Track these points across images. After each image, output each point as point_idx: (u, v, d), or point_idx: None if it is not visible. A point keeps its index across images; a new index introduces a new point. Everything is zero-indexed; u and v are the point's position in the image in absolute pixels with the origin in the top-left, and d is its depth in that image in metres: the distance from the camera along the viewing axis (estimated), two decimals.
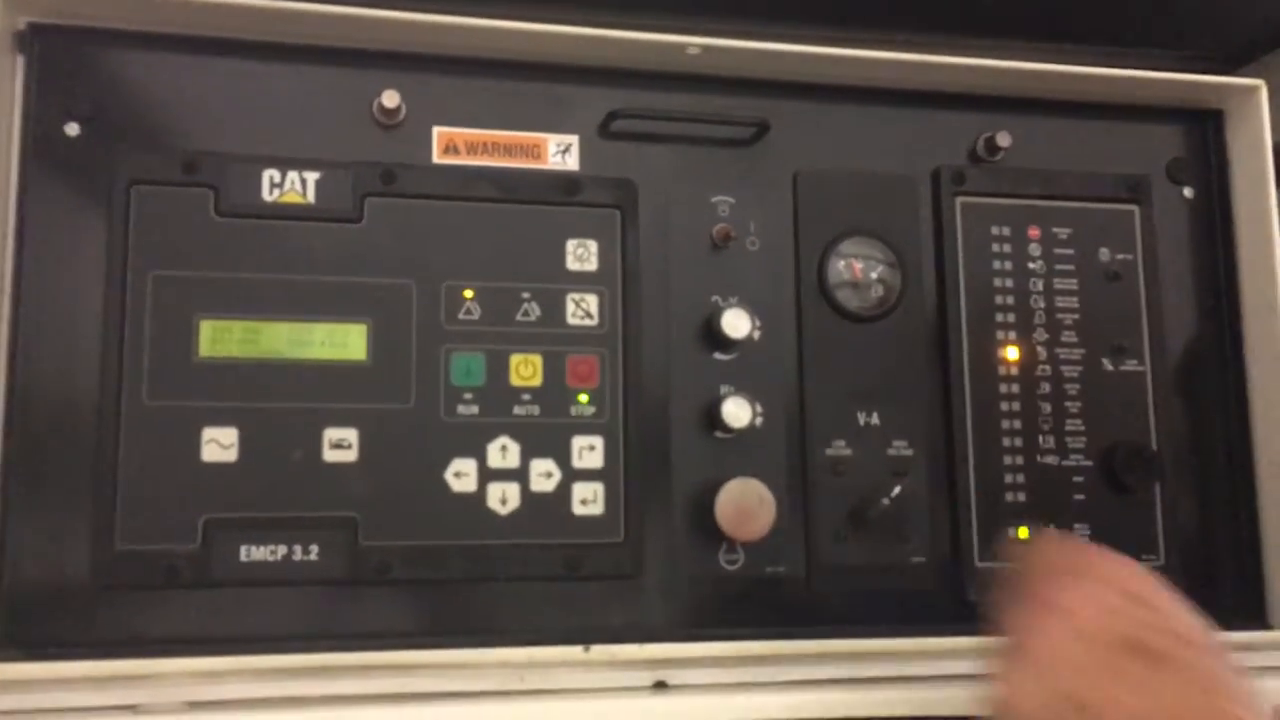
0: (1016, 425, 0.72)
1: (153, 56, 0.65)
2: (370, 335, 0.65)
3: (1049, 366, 0.73)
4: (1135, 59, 0.76)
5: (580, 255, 0.68)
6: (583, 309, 0.68)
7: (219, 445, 0.62)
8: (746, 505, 0.64)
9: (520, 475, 0.65)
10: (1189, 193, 0.78)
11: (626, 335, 0.68)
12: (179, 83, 0.65)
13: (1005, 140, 0.73)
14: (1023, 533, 0.70)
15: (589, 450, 0.66)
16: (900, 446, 0.70)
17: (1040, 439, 0.72)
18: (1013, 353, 0.72)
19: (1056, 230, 0.74)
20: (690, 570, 0.67)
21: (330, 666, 0.60)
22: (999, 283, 0.73)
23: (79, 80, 0.64)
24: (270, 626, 0.62)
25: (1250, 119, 0.76)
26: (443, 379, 0.65)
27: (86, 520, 0.60)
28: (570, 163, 0.69)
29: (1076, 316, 0.73)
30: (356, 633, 0.62)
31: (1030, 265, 0.74)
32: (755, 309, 0.69)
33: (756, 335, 0.69)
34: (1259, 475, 0.74)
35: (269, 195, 0.65)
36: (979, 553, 0.70)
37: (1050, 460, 0.72)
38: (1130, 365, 0.74)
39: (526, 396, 0.66)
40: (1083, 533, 0.71)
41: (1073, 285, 0.74)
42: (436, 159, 0.68)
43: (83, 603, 0.60)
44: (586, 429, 0.66)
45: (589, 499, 0.66)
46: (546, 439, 0.66)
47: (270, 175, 0.65)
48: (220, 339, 0.63)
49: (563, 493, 0.66)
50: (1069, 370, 0.73)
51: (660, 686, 0.59)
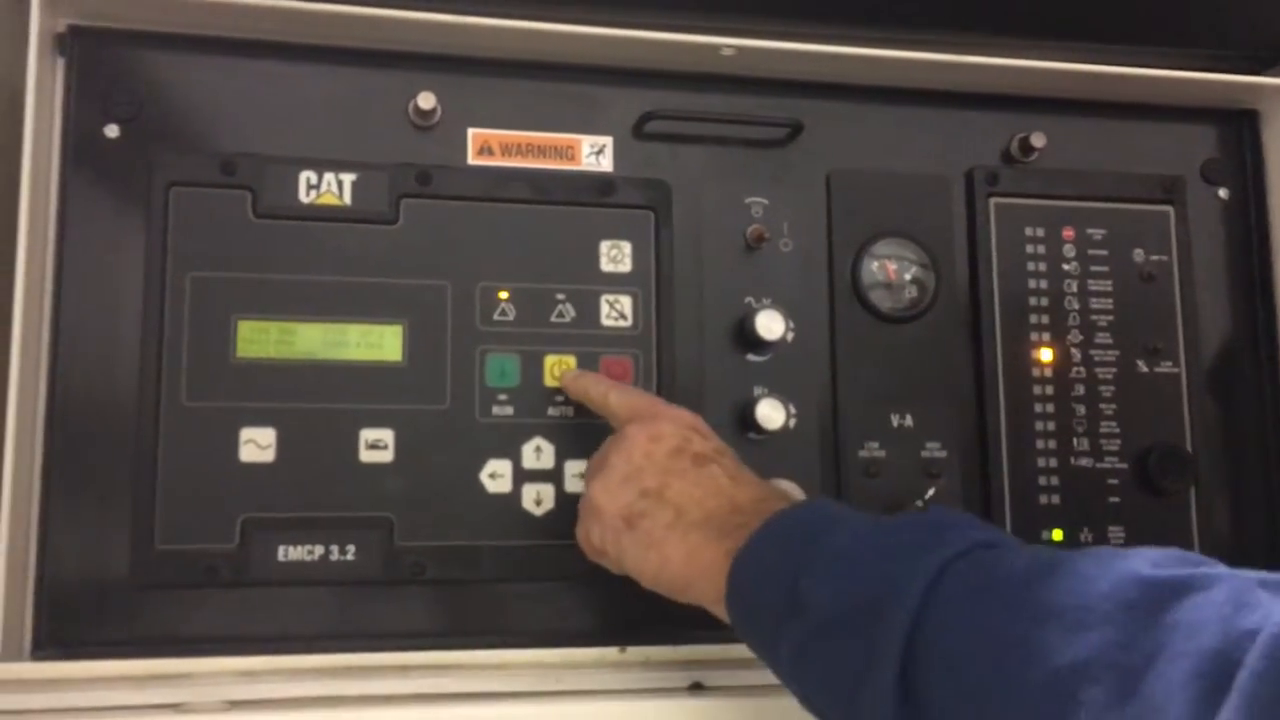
0: (1050, 427, 0.71)
1: (191, 59, 0.65)
2: (406, 336, 0.65)
3: (1083, 368, 0.72)
4: (1170, 59, 0.76)
5: (614, 256, 0.68)
6: (617, 310, 0.68)
7: (257, 445, 0.62)
8: None
9: (555, 476, 0.66)
10: (1224, 193, 0.77)
11: (660, 336, 0.68)
12: (217, 85, 0.65)
13: (1040, 141, 0.73)
14: (1057, 535, 0.70)
15: None
16: (934, 448, 0.70)
17: (1074, 441, 0.71)
18: (1047, 354, 0.72)
19: (1091, 231, 0.74)
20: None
21: (367, 666, 0.60)
22: (1033, 284, 0.73)
23: (118, 82, 0.64)
24: (306, 626, 0.62)
25: None
26: (478, 380, 0.65)
27: (126, 520, 0.61)
28: (604, 164, 0.69)
29: (1111, 318, 0.73)
30: (392, 632, 0.63)
31: (1064, 266, 0.73)
32: (789, 310, 0.69)
33: (790, 336, 0.69)
34: None
35: (306, 197, 0.65)
36: None
37: (1085, 463, 0.71)
38: (1165, 367, 0.73)
39: (561, 398, 0.66)
40: (1118, 536, 0.70)
41: (1107, 286, 0.73)
42: (471, 160, 0.68)
43: (123, 602, 0.61)
44: None
45: None
46: (581, 440, 0.66)
47: (307, 177, 0.65)
48: (257, 340, 0.63)
49: None
50: (1103, 372, 0.72)
51: (697, 688, 0.59)
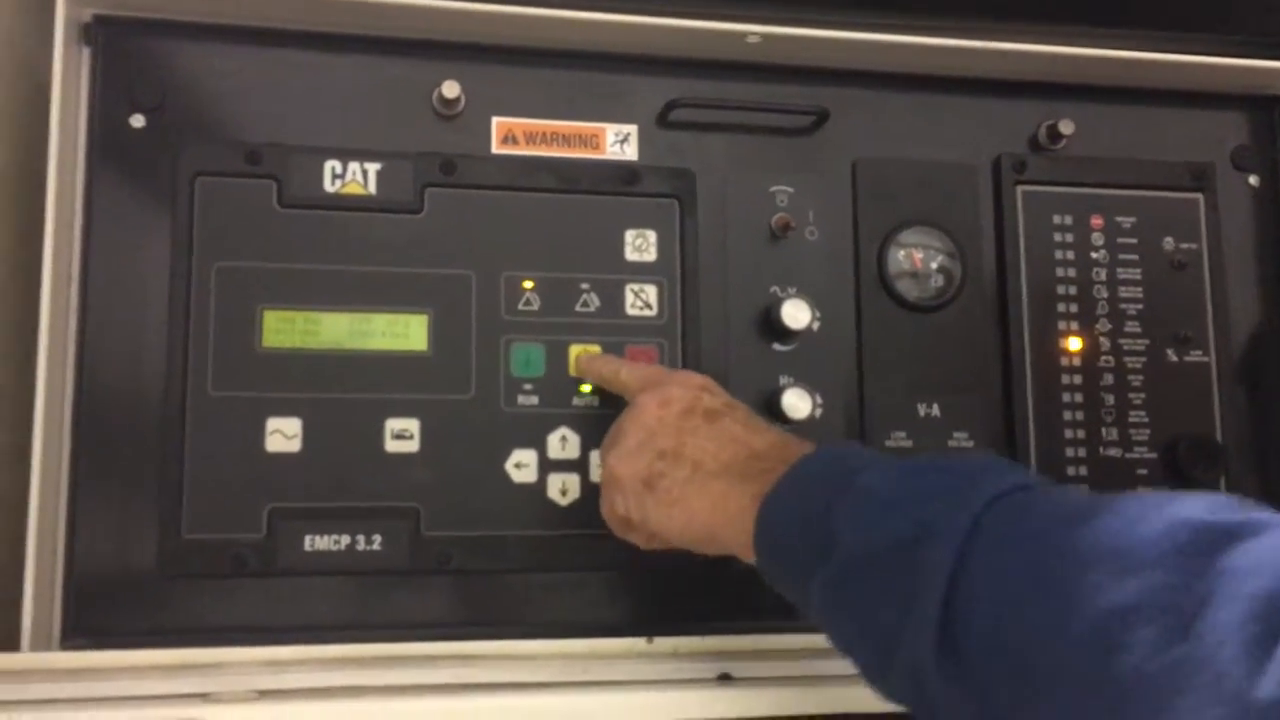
0: (1079, 417, 0.71)
1: (216, 48, 0.65)
2: (431, 326, 0.65)
3: (1112, 357, 0.72)
4: (1200, 44, 0.75)
5: (639, 246, 0.68)
6: (642, 299, 0.67)
7: (283, 435, 0.62)
8: None
9: (580, 466, 0.65)
10: (1254, 180, 0.76)
11: (685, 326, 0.68)
12: (242, 74, 0.65)
13: (1068, 128, 0.72)
14: None
15: None
16: (961, 438, 0.69)
17: (1103, 431, 0.71)
18: (1075, 343, 0.71)
19: (1120, 219, 0.73)
20: (750, 561, 0.66)
21: (393, 656, 0.60)
22: (1061, 272, 0.72)
23: (144, 72, 0.64)
24: (333, 615, 0.62)
25: None
26: (503, 369, 0.65)
27: (153, 510, 0.61)
28: (629, 152, 0.69)
29: (1140, 307, 0.72)
30: (418, 622, 0.63)
31: (1093, 255, 0.73)
32: (814, 299, 0.68)
33: (816, 326, 0.69)
34: None
35: (331, 186, 0.65)
36: None
37: (1113, 452, 0.71)
38: (1195, 356, 0.73)
39: (586, 387, 0.66)
40: None
41: (1136, 275, 0.73)
42: (495, 149, 0.68)
43: (150, 591, 0.61)
44: None
45: None
46: (606, 429, 0.65)
47: (332, 166, 0.65)
48: (283, 329, 0.63)
49: None
50: (1132, 361, 0.72)
51: (725, 679, 0.59)
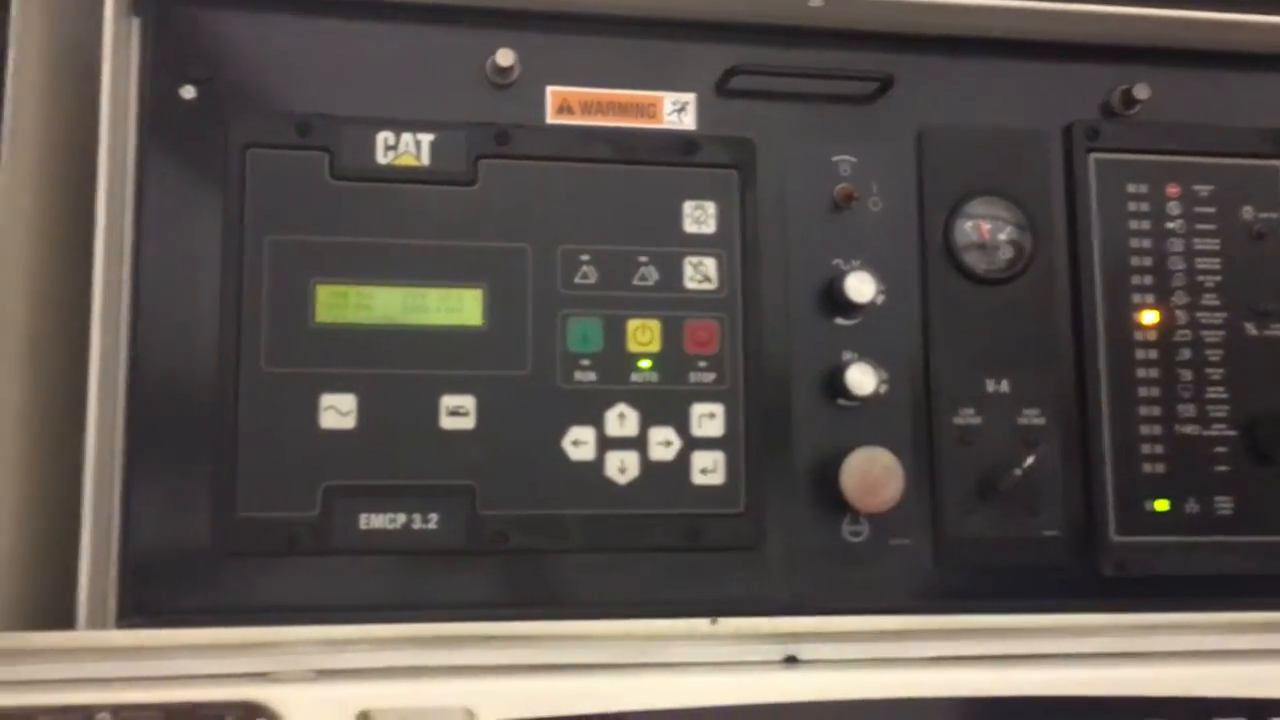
0: (1155, 393, 0.68)
1: (266, 18, 0.64)
2: (486, 300, 0.63)
3: (1189, 331, 0.69)
4: (1278, 3, 0.72)
5: (698, 217, 0.66)
6: (701, 272, 0.66)
7: (337, 412, 0.61)
8: (874, 475, 0.62)
9: (639, 444, 0.64)
10: None
11: (746, 300, 0.66)
12: (292, 44, 0.64)
13: (1143, 93, 0.70)
14: (1161, 505, 0.67)
15: (709, 418, 0.64)
16: (1031, 415, 0.67)
17: (1180, 407, 0.68)
18: (1150, 317, 0.69)
19: (1197, 188, 0.70)
20: (812, 542, 0.65)
21: (450, 636, 0.58)
22: (1135, 243, 0.70)
23: (194, 43, 0.63)
24: (388, 595, 0.61)
25: None
26: (559, 345, 0.64)
27: (207, 488, 0.60)
28: (687, 122, 0.67)
29: (1218, 278, 0.70)
30: (475, 602, 0.62)
31: (1169, 225, 0.70)
32: (879, 272, 0.66)
33: (880, 300, 0.67)
34: None
35: (383, 158, 0.63)
36: (1115, 526, 0.67)
37: (1191, 430, 0.68)
38: (1276, 329, 0.70)
39: (645, 363, 0.64)
40: (1225, 506, 0.67)
41: (1214, 245, 0.70)
42: (550, 119, 0.66)
43: (206, 570, 0.60)
44: (706, 396, 0.64)
45: (709, 468, 0.64)
46: (665, 407, 0.64)
47: (385, 137, 0.63)
48: (336, 304, 0.62)
49: (682, 462, 0.64)
50: (1210, 335, 0.69)
51: (791, 661, 0.57)
